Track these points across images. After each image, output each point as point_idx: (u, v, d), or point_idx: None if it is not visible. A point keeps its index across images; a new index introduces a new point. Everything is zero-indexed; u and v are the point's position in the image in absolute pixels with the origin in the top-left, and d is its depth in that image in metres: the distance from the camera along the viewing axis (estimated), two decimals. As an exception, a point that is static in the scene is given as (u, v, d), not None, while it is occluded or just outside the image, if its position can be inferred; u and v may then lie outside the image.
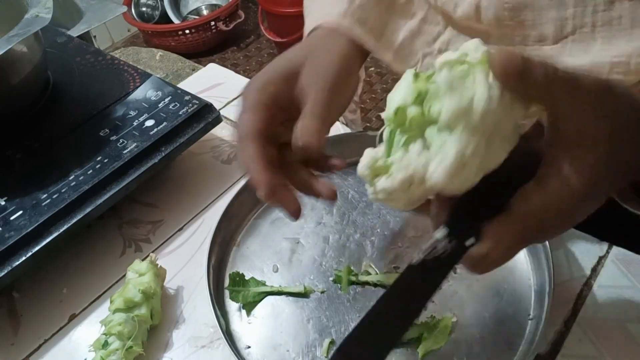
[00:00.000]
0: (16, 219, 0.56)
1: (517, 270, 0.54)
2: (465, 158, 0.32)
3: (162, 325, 0.55)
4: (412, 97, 0.34)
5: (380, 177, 0.37)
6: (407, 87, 0.34)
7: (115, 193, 0.60)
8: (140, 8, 2.72)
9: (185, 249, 0.63)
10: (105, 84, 0.73)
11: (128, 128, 0.65)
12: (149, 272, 0.54)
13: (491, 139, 0.32)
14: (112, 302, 0.53)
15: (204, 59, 2.61)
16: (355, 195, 0.63)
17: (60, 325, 0.57)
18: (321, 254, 0.58)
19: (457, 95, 0.31)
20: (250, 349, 0.51)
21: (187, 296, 0.58)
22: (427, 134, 0.34)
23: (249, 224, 0.63)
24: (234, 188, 0.67)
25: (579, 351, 0.49)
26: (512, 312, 0.51)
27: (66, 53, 0.79)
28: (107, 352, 0.50)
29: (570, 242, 0.57)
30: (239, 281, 0.55)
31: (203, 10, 2.77)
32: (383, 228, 0.60)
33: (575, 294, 0.53)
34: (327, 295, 0.55)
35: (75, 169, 0.61)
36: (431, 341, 0.49)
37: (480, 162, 0.33)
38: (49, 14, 0.60)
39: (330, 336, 0.51)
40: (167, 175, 0.71)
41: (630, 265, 0.54)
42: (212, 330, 0.54)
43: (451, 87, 0.32)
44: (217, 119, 0.68)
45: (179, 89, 0.70)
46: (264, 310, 0.55)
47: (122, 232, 0.66)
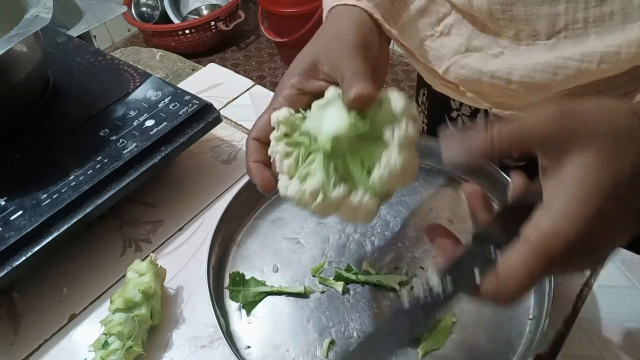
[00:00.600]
0: (16, 219, 0.56)
1: (517, 270, 0.54)
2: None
3: (162, 325, 0.55)
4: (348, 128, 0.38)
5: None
6: (340, 115, 0.38)
7: (115, 193, 0.60)
8: (140, 8, 2.72)
9: (185, 249, 0.63)
10: (105, 84, 0.73)
11: (128, 128, 0.65)
12: (149, 272, 0.54)
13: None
14: (112, 302, 0.53)
15: (204, 59, 2.61)
16: (355, 195, 0.63)
17: (60, 325, 0.57)
18: (321, 254, 0.58)
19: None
20: (250, 349, 0.51)
21: (187, 296, 0.58)
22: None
23: (249, 224, 0.63)
24: (234, 188, 0.67)
25: (579, 351, 0.49)
26: (512, 312, 0.51)
27: (66, 53, 0.79)
28: (107, 352, 0.50)
29: (570, 242, 0.57)
30: (239, 281, 0.55)
31: (203, 10, 2.77)
32: (383, 228, 0.60)
33: (575, 294, 0.53)
34: (327, 295, 0.55)
35: (75, 169, 0.61)
36: (431, 341, 0.49)
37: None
38: (49, 14, 0.60)
39: (330, 336, 0.51)
40: (167, 175, 0.71)
41: (630, 265, 0.54)
42: (212, 330, 0.54)
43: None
44: (217, 119, 0.68)
45: (179, 89, 0.70)
46: (264, 310, 0.55)
47: (122, 232, 0.66)
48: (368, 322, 0.52)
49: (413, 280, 0.55)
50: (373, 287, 0.55)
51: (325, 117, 0.39)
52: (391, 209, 0.61)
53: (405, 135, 0.38)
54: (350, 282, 0.55)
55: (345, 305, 0.54)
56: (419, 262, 0.56)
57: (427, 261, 0.56)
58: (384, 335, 0.37)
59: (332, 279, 0.56)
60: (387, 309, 0.53)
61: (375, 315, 0.53)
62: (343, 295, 0.54)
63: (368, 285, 0.55)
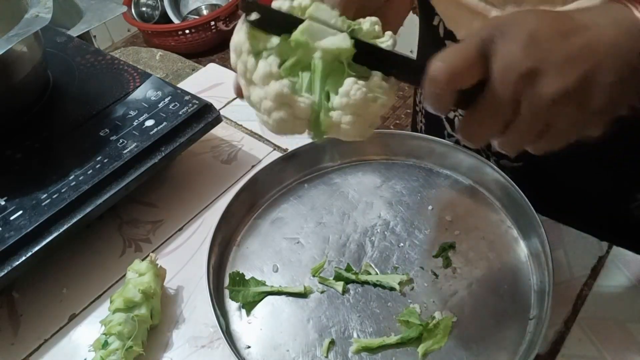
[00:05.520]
0: (16, 219, 0.56)
1: (517, 270, 0.54)
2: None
3: (162, 325, 0.55)
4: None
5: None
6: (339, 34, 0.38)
7: (115, 193, 0.60)
8: (140, 8, 2.72)
9: (185, 249, 0.63)
10: (105, 84, 0.73)
11: (128, 128, 0.65)
12: (149, 272, 0.54)
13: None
14: (112, 302, 0.53)
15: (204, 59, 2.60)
16: (355, 195, 0.64)
17: (60, 325, 0.57)
18: (321, 254, 0.58)
19: None
20: (250, 349, 0.51)
21: (187, 296, 0.58)
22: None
23: (249, 224, 0.63)
24: (234, 188, 0.67)
25: (579, 351, 0.49)
26: (512, 312, 0.51)
27: (66, 53, 0.79)
28: (107, 352, 0.50)
29: (570, 242, 0.57)
30: (239, 281, 0.55)
31: (203, 10, 2.77)
32: (383, 228, 0.60)
33: (575, 294, 0.53)
34: (327, 295, 0.55)
35: (75, 169, 0.61)
36: (431, 341, 0.49)
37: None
38: (49, 14, 0.60)
39: (330, 336, 0.51)
40: (167, 175, 0.71)
41: (630, 265, 0.54)
42: (212, 330, 0.54)
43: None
44: (217, 119, 0.68)
45: (179, 89, 0.70)
46: (264, 310, 0.55)
47: (122, 232, 0.66)
48: (368, 322, 0.52)
49: (413, 280, 0.55)
50: (373, 287, 0.55)
51: (319, 29, 0.38)
52: (391, 209, 0.61)
53: (374, 82, 0.38)
54: (350, 282, 0.55)
55: (345, 305, 0.54)
56: (419, 262, 0.56)
57: (427, 261, 0.56)
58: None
59: (332, 279, 0.56)
60: (387, 309, 0.53)
61: (375, 315, 0.53)
62: (343, 295, 0.54)
63: (368, 285, 0.55)
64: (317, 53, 0.38)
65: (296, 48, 0.38)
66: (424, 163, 0.65)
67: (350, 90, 0.37)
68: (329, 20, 0.39)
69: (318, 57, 0.38)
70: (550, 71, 0.34)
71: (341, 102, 0.37)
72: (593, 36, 0.34)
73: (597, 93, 0.34)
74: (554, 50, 0.34)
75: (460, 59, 0.35)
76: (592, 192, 0.62)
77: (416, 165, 0.66)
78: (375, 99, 0.38)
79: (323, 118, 0.38)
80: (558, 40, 0.34)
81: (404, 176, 0.65)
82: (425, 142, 0.64)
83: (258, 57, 0.39)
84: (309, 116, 0.38)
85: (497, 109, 0.36)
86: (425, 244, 0.58)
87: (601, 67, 0.34)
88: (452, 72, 0.35)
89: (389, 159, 0.66)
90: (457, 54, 0.36)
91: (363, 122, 0.38)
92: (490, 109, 0.36)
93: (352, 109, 0.37)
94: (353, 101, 0.37)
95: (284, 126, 0.38)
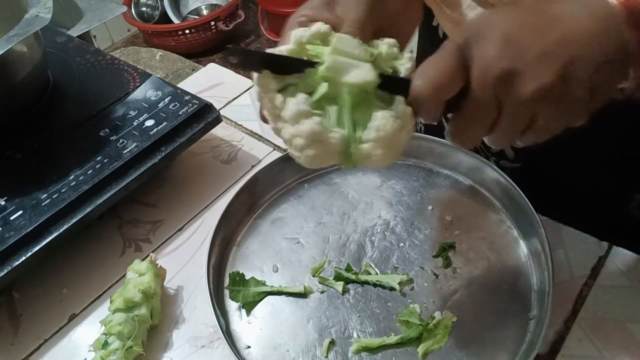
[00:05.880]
0: (16, 219, 0.56)
1: (517, 270, 0.54)
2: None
3: (162, 325, 0.55)
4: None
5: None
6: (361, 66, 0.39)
7: (115, 193, 0.60)
8: (140, 8, 2.72)
9: (185, 249, 0.63)
10: (105, 84, 0.73)
11: (128, 128, 0.65)
12: (149, 272, 0.54)
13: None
14: (112, 302, 0.53)
15: (204, 59, 2.60)
16: (355, 195, 0.63)
17: (60, 325, 0.57)
18: (321, 254, 0.58)
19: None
20: (250, 349, 0.51)
21: (187, 296, 0.58)
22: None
23: (249, 224, 0.63)
24: (234, 188, 0.67)
25: (579, 351, 0.49)
26: (512, 312, 0.51)
27: (66, 53, 0.79)
28: (107, 352, 0.50)
29: (570, 242, 0.57)
30: (239, 281, 0.55)
31: (203, 10, 2.77)
32: (383, 228, 0.60)
33: (575, 294, 0.53)
34: (327, 295, 0.55)
35: (75, 169, 0.61)
36: (431, 341, 0.49)
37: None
38: (49, 14, 0.60)
39: (330, 336, 0.51)
40: (167, 175, 0.71)
41: (630, 265, 0.54)
42: (212, 330, 0.54)
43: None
44: (217, 119, 0.68)
45: (179, 89, 0.70)
46: (263, 310, 0.55)
47: (122, 232, 0.66)
48: (368, 322, 0.52)
49: (413, 280, 0.55)
50: (373, 287, 0.55)
51: (344, 63, 0.39)
52: (391, 208, 0.61)
53: (400, 110, 0.38)
54: (350, 282, 0.55)
55: (345, 305, 0.54)
56: (419, 262, 0.56)
57: (427, 261, 0.56)
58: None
59: (332, 279, 0.56)
60: (387, 309, 0.53)
61: (375, 315, 0.53)
62: (343, 295, 0.54)
63: (368, 285, 0.55)
64: (344, 87, 0.38)
65: (322, 81, 0.39)
66: (424, 163, 0.65)
67: (381, 123, 0.38)
68: (353, 51, 0.39)
69: (346, 91, 0.38)
70: (526, 70, 0.34)
71: (374, 136, 0.38)
72: (568, 29, 0.34)
73: (575, 86, 0.34)
74: (528, 48, 0.34)
75: (440, 72, 0.36)
76: (592, 192, 0.62)
77: (416, 165, 0.66)
78: (402, 126, 0.38)
79: (354, 151, 0.39)
80: (532, 37, 0.34)
81: (404, 176, 0.65)
82: (425, 142, 0.64)
83: (284, 92, 0.39)
84: (340, 150, 0.39)
85: (480, 112, 0.36)
86: (425, 244, 0.58)
87: (578, 60, 0.34)
88: (434, 87, 0.36)
89: (389, 159, 0.66)
90: (437, 68, 0.36)
91: (393, 151, 0.39)
92: (475, 112, 0.37)
93: (384, 141, 0.38)
94: (384, 134, 0.38)
95: (317, 161, 0.39)
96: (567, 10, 0.35)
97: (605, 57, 0.34)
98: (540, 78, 0.34)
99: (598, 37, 0.34)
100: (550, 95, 0.34)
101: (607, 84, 0.35)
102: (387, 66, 0.41)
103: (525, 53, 0.34)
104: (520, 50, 0.34)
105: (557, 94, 0.34)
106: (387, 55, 0.41)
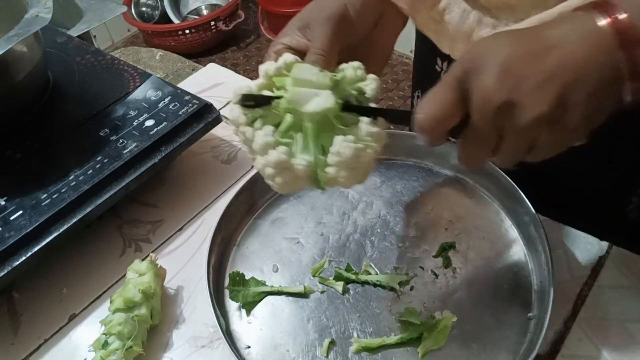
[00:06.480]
0: (16, 219, 0.56)
1: (517, 270, 0.54)
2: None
3: (162, 325, 0.55)
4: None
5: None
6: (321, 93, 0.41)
7: (115, 193, 0.60)
8: (140, 8, 2.72)
9: (185, 249, 0.63)
10: (105, 84, 0.73)
11: (128, 128, 0.65)
12: (149, 272, 0.54)
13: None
14: (112, 302, 0.53)
15: (204, 59, 2.60)
16: (355, 195, 0.64)
17: (60, 325, 0.57)
18: (321, 254, 0.58)
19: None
20: (250, 349, 0.51)
21: (187, 296, 0.58)
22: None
23: (249, 224, 0.63)
24: (234, 188, 0.67)
25: (579, 351, 0.49)
26: (512, 312, 0.51)
27: (66, 53, 0.79)
28: (107, 352, 0.50)
29: (570, 242, 0.57)
30: (239, 281, 0.55)
31: (203, 10, 2.77)
32: (383, 228, 0.60)
33: (575, 294, 0.53)
34: (327, 295, 0.55)
35: (75, 169, 0.61)
36: (431, 341, 0.49)
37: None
38: (49, 14, 0.60)
39: (330, 336, 0.51)
40: (167, 175, 0.71)
41: (630, 265, 0.54)
42: (212, 330, 0.54)
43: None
44: (217, 119, 0.68)
45: (179, 89, 0.70)
46: (263, 310, 0.55)
47: (122, 232, 0.66)
48: (368, 322, 0.52)
49: (413, 280, 0.55)
50: (373, 287, 0.55)
51: (303, 93, 0.41)
52: (391, 208, 0.61)
53: (364, 132, 0.40)
54: (350, 282, 0.55)
55: (345, 305, 0.54)
56: (419, 262, 0.56)
57: (427, 261, 0.56)
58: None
59: (332, 279, 0.56)
60: (387, 309, 0.53)
61: (375, 315, 0.53)
62: (343, 295, 0.54)
63: (368, 285, 0.55)
64: (305, 117, 0.40)
65: (286, 113, 0.41)
66: (424, 163, 0.65)
67: (339, 149, 0.39)
68: (312, 79, 0.41)
69: (307, 120, 0.40)
70: (524, 101, 0.35)
71: (334, 161, 0.40)
72: (563, 55, 0.35)
73: (572, 111, 0.35)
74: (526, 78, 0.35)
75: (441, 106, 0.38)
76: (592, 192, 0.62)
77: (416, 165, 0.66)
78: (365, 148, 0.40)
79: (321, 175, 0.41)
80: (529, 66, 0.35)
81: (404, 176, 0.65)
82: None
83: (254, 125, 0.42)
84: (308, 175, 0.41)
85: (482, 139, 0.38)
86: (425, 244, 0.58)
87: (574, 86, 0.35)
88: (436, 121, 0.38)
89: (389, 159, 0.66)
90: (437, 102, 0.38)
91: (358, 172, 0.41)
92: (477, 139, 0.39)
93: (345, 164, 0.40)
94: (344, 158, 0.39)
95: (288, 187, 0.42)
96: (562, 35, 0.36)
97: (600, 78, 0.35)
98: (538, 107, 0.35)
99: (593, 60, 0.35)
100: (547, 122, 0.35)
101: (602, 104, 0.36)
102: (352, 88, 0.43)
103: (523, 83, 0.35)
104: (518, 81, 0.35)
105: (554, 120, 0.35)
106: (352, 79, 0.43)
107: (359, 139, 0.40)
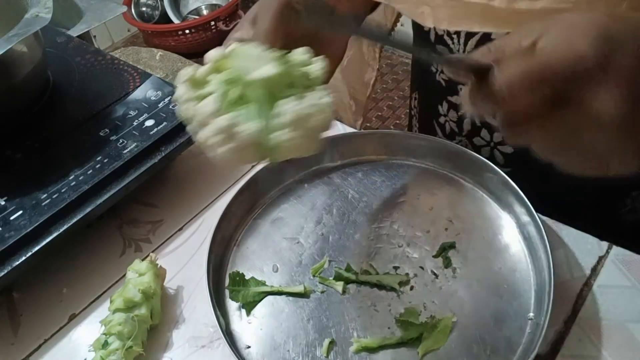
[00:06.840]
0: (16, 219, 0.56)
1: (517, 270, 0.54)
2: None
3: (162, 325, 0.55)
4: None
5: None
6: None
7: (115, 193, 0.60)
8: (140, 8, 2.72)
9: (185, 248, 0.63)
10: (105, 84, 0.73)
11: (128, 128, 0.65)
12: (149, 272, 0.54)
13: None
14: (112, 302, 0.53)
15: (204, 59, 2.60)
16: (355, 195, 0.64)
17: (60, 325, 0.57)
18: (321, 254, 0.58)
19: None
20: (250, 349, 0.51)
21: (187, 296, 0.58)
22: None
23: (249, 224, 0.63)
24: (234, 188, 0.67)
25: (579, 351, 0.49)
26: (512, 312, 0.51)
27: (66, 53, 0.79)
28: (107, 352, 0.50)
29: (570, 242, 0.57)
30: (239, 281, 0.55)
31: (203, 10, 2.77)
32: (383, 228, 0.60)
33: (575, 294, 0.53)
34: (327, 295, 0.55)
35: (75, 168, 0.61)
36: (431, 341, 0.49)
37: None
38: (49, 14, 0.60)
39: (330, 336, 0.51)
40: (167, 175, 0.71)
41: (630, 265, 0.54)
42: (212, 330, 0.54)
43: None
44: (217, 119, 0.68)
45: (179, 89, 0.70)
46: (263, 310, 0.55)
47: (122, 232, 0.66)
48: (368, 322, 0.52)
49: (413, 280, 0.55)
50: (373, 287, 0.55)
51: (247, 65, 0.40)
52: (391, 208, 0.61)
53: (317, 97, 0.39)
54: (350, 282, 0.55)
55: (345, 305, 0.54)
56: (419, 262, 0.56)
57: (427, 261, 0.56)
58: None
59: (332, 279, 0.56)
60: (387, 309, 0.53)
61: (375, 315, 0.53)
62: (343, 295, 0.54)
63: (368, 285, 0.55)
64: (251, 85, 0.39)
65: (233, 85, 0.40)
66: (424, 163, 0.65)
67: (290, 109, 0.38)
68: (255, 53, 0.41)
69: (254, 88, 0.39)
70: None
71: (286, 120, 0.38)
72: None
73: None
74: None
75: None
76: (592, 192, 0.62)
77: (416, 165, 0.66)
78: (311, 108, 0.39)
79: (264, 142, 0.39)
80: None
81: (404, 176, 0.65)
82: (425, 142, 0.64)
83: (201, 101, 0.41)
84: (251, 144, 0.39)
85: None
86: (425, 244, 0.58)
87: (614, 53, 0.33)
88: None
89: (389, 159, 0.66)
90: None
91: (305, 135, 0.39)
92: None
93: (296, 124, 0.38)
94: (296, 117, 0.38)
95: (234, 158, 0.39)
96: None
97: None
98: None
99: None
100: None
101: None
102: (299, 72, 0.42)
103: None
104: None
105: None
106: (299, 62, 0.42)
107: (312, 105, 0.39)
